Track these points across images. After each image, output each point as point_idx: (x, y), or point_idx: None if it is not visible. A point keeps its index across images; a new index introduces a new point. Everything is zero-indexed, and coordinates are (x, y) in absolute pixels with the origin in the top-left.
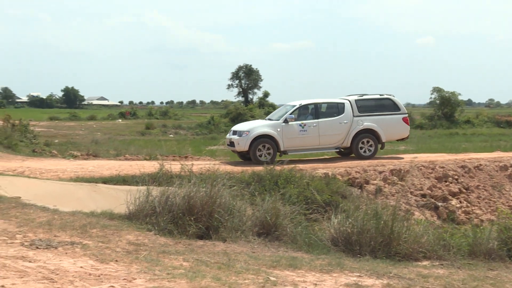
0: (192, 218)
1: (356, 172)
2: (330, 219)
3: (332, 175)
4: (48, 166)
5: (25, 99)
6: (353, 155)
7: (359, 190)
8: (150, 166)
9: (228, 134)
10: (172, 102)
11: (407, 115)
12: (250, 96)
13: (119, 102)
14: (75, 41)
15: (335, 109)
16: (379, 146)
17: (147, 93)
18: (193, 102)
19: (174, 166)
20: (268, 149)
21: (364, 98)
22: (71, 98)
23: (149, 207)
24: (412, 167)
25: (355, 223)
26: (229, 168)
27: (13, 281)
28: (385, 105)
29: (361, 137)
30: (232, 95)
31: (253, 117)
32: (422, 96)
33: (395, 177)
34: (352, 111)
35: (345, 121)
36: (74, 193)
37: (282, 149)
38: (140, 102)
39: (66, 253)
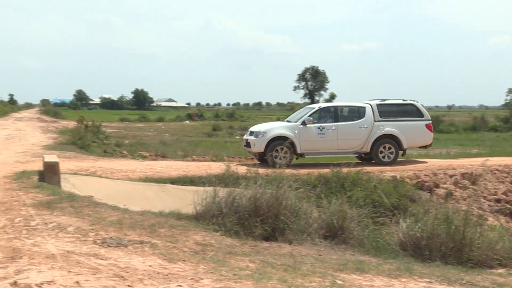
0: (258, 220)
1: (425, 175)
2: (398, 223)
3: (400, 178)
4: (118, 166)
5: (97, 101)
6: (373, 161)
7: (429, 193)
8: (216, 167)
9: (245, 135)
10: (238, 103)
11: (430, 121)
12: (317, 98)
13: (187, 103)
14: (145, 44)
15: (356, 113)
16: (400, 152)
17: (214, 95)
18: (259, 103)
19: (240, 168)
20: (285, 151)
21: (386, 103)
22: (141, 100)
23: (216, 208)
24: (485, 171)
25: (424, 227)
26: (295, 170)
27: (86, 278)
28: (408, 111)
29: (381, 143)
30: (298, 97)
31: None
32: (497, 98)
33: (466, 181)
34: (373, 116)
35: (365, 126)
36: (143, 193)
37: (299, 151)
38: (207, 104)
39: (136, 252)
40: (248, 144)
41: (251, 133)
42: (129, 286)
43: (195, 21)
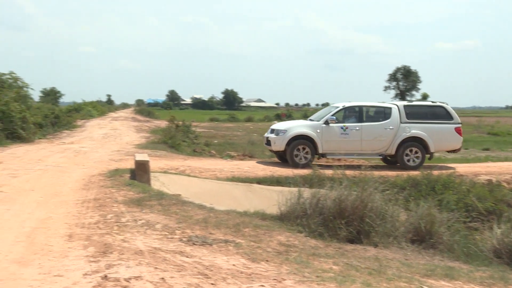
0: (342, 222)
1: None
2: (492, 229)
3: (497, 182)
4: (206, 166)
5: (189, 101)
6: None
7: None
8: (303, 168)
9: (266, 132)
10: (327, 104)
11: (460, 125)
12: (408, 98)
13: (276, 104)
14: (235, 45)
15: (381, 113)
16: (427, 156)
17: (303, 95)
18: None
19: (327, 169)
20: (306, 151)
21: (414, 104)
22: (231, 100)
23: (300, 208)
24: None
25: None
26: (383, 172)
27: (171, 274)
28: (437, 113)
29: (407, 145)
30: (388, 97)
31: None
32: None
33: None
34: (400, 117)
35: (390, 127)
36: (230, 192)
37: (320, 151)
38: (296, 104)
39: (220, 251)
40: (268, 142)
41: (272, 131)
42: (212, 284)
43: (285, 21)
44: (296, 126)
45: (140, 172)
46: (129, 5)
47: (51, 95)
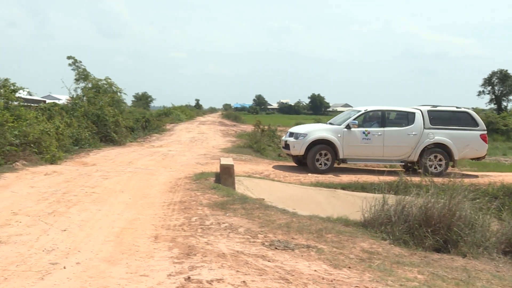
0: (429, 230)
1: None
2: None
3: None
4: (291, 171)
5: (275, 105)
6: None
7: None
8: (388, 174)
9: (284, 136)
10: None
11: (485, 132)
12: (504, 104)
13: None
14: (323, 49)
15: (404, 118)
16: (450, 163)
17: (392, 100)
18: None
19: (413, 176)
20: (327, 156)
21: (438, 110)
22: (317, 105)
23: (385, 215)
24: None
25: None
26: (474, 180)
27: (253, 278)
28: (462, 119)
29: (430, 152)
30: (482, 102)
31: (506, 126)
32: None
33: None
34: (423, 123)
35: (414, 133)
36: (313, 198)
37: (341, 157)
38: None
39: (302, 256)
40: (287, 146)
41: (291, 135)
42: None
43: (374, 25)
44: (317, 130)
45: (225, 175)
46: (219, 11)
47: (142, 99)
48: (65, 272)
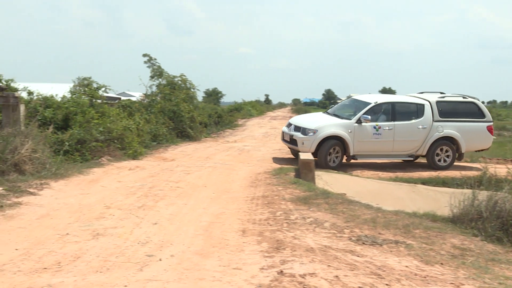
0: None
1: None
2: None
3: None
4: (368, 165)
5: (345, 99)
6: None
7: None
8: (472, 169)
9: (286, 128)
10: (494, 101)
11: (492, 123)
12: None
13: None
14: (393, 41)
15: (414, 111)
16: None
17: (466, 91)
18: None
19: (499, 170)
20: (337, 152)
21: (447, 100)
22: None
23: (475, 211)
24: None
25: None
26: None
27: (345, 273)
28: (469, 110)
29: (438, 145)
30: None
31: None
32: None
33: None
34: (432, 115)
35: (423, 126)
36: (393, 192)
37: (352, 153)
38: None
39: (391, 251)
40: (293, 141)
41: (297, 129)
42: (387, 285)
43: (447, 15)
44: (327, 126)
45: (305, 170)
46: (287, 6)
47: (213, 95)
48: (161, 264)
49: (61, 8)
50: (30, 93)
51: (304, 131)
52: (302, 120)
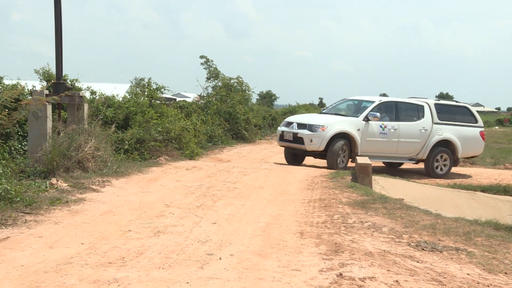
0: None
1: None
2: None
3: None
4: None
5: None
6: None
7: None
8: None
9: (285, 127)
10: None
11: (483, 129)
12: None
13: (496, 108)
14: (454, 45)
15: (415, 112)
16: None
17: None
18: None
19: None
20: (344, 151)
21: (443, 103)
22: None
23: None
24: None
25: None
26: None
27: (405, 278)
28: (462, 115)
29: (438, 151)
30: None
31: None
32: None
33: None
34: (432, 117)
35: (425, 128)
36: (451, 199)
37: (359, 153)
38: None
39: (451, 258)
40: (297, 140)
41: (302, 126)
42: None
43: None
44: (336, 122)
45: (362, 175)
46: (345, 9)
47: (266, 97)
48: (221, 263)
49: (123, 10)
50: (93, 92)
51: (311, 127)
52: (304, 118)
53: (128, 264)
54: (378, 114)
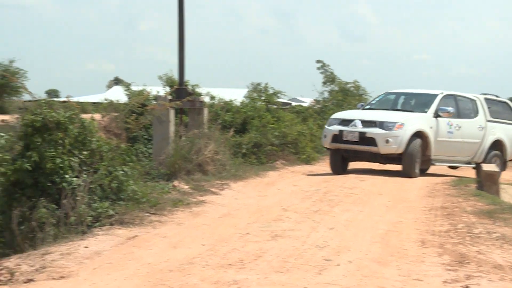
0: None
1: None
2: None
3: None
4: None
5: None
6: None
7: None
8: None
9: (344, 126)
10: None
11: None
12: None
13: None
14: None
15: (470, 107)
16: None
17: None
18: None
19: None
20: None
21: (492, 98)
22: None
23: None
24: None
25: None
26: None
27: None
28: (505, 112)
29: (492, 153)
30: None
31: None
32: None
33: None
34: (485, 113)
35: (481, 126)
36: None
37: (432, 156)
38: None
39: None
40: (365, 141)
41: (369, 124)
42: None
43: None
44: (412, 118)
45: (488, 183)
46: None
47: None
48: (339, 269)
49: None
50: (212, 97)
51: (382, 125)
52: (367, 114)
53: (247, 267)
54: (451, 109)
